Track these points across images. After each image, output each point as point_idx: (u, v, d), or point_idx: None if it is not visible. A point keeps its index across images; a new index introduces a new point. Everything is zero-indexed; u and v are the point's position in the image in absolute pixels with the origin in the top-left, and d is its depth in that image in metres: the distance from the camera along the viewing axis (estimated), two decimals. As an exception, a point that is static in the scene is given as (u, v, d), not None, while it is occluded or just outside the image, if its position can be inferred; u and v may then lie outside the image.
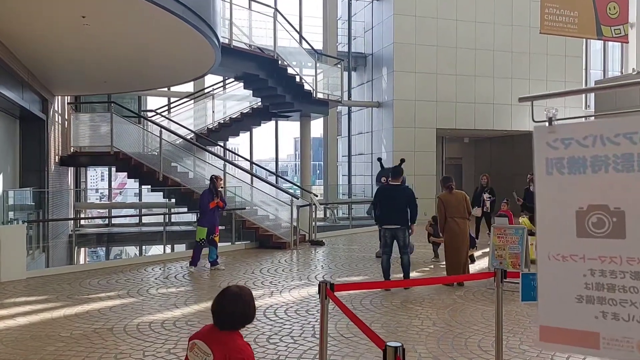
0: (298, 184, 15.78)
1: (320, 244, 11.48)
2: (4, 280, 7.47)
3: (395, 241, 7.26)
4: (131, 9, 5.80)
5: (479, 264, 9.08)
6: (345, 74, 17.72)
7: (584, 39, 17.72)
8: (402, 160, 10.21)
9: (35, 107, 9.33)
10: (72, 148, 12.47)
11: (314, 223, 12.18)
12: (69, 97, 13.09)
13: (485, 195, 10.71)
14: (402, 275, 7.44)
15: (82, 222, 16.36)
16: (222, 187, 8.70)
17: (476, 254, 9.34)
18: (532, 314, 5.83)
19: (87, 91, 12.43)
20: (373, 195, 7.85)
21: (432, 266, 8.96)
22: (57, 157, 11.64)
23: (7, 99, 7.62)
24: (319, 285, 3.30)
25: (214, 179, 8.66)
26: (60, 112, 12.14)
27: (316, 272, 8.43)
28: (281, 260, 9.66)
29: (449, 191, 7.64)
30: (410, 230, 7.33)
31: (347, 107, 19.24)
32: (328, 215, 16.99)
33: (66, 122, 12.72)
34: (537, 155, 2.14)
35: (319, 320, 5.63)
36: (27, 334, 5.13)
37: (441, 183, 7.95)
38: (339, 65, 15.28)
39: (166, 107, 15.44)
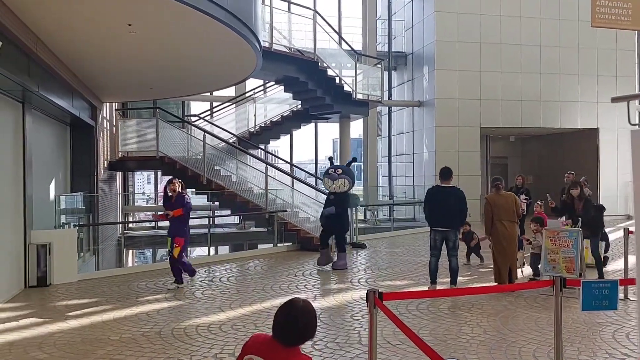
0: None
1: (361, 246, 11.36)
2: (56, 283, 7.71)
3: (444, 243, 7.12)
4: (175, 15, 5.87)
5: (528, 268, 8.75)
6: (386, 73, 17.52)
7: (637, 32, 16.89)
8: (354, 159, 10.02)
9: (84, 114, 9.62)
10: (120, 153, 12.82)
11: (355, 225, 12.07)
12: (116, 103, 13.47)
13: (522, 197, 10.21)
14: (448, 279, 7.25)
15: (130, 224, 16.79)
16: (175, 193, 7.42)
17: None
18: (589, 322, 5.55)
19: (133, 97, 12.75)
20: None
21: (470, 272, 8.67)
22: (105, 162, 11.99)
23: (59, 106, 7.88)
24: (367, 294, 3.21)
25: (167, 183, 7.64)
26: (108, 118, 12.50)
27: (359, 276, 8.32)
28: (324, 263, 9.59)
29: (497, 192, 7.39)
30: (459, 233, 7.18)
31: (387, 107, 19.03)
32: (368, 217, 16.83)
33: (114, 128, 13.09)
34: (634, 160, 1.89)
35: (364, 327, 5.55)
36: (78, 337, 5.26)
37: (492, 184, 7.74)
38: (379, 65, 15.12)
39: (209, 112, 15.68)
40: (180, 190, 7.55)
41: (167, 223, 8.03)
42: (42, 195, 8.26)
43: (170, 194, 7.54)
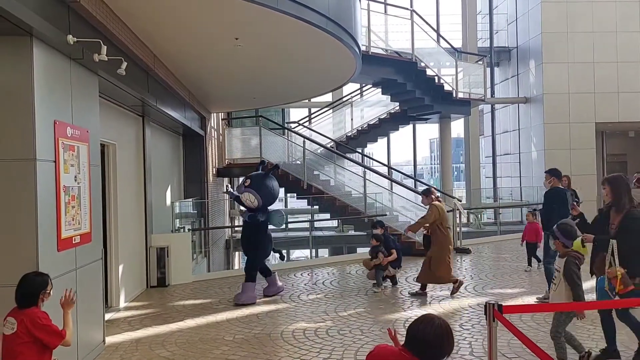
0: (436, 187, 15.26)
1: (466, 251, 10.94)
2: (173, 284, 8.26)
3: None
4: (279, 26, 6.04)
5: None
6: (488, 70, 16.79)
7: None
8: (276, 167, 7.75)
9: (195, 125, 10.23)
10: (226, 160, 13.48)
11: (458, 229, 11.67)
12: (222, 113, 14.20)
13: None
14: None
15: (237, 228, 17.59)
16: None
17: None
18: None
19: (238, 107, 13.35)
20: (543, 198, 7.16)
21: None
22: (214, 169, 12.66)
23: (173, 118, 8.45)
24: (486, 306, 3.06)
25: None
26: (215, 127, 13.20)
27: (465, 283, 7.97)
28: (427, 268, 9.35)
29: None
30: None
31: (490, 105, 18.23)
32: (471, 221, 16.20)
33: (221, 137, 13.79)
34: None
35: (475, 336, 5.32)
36: (196, 337, 5.57)
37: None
38: (481, 62, 14.52)
39: (307, 118, 16.01)
40: None
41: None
42: (159, 201, 8.90)
43: None
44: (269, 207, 7.34)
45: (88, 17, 4.61)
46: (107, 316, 6.07)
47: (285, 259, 7.73)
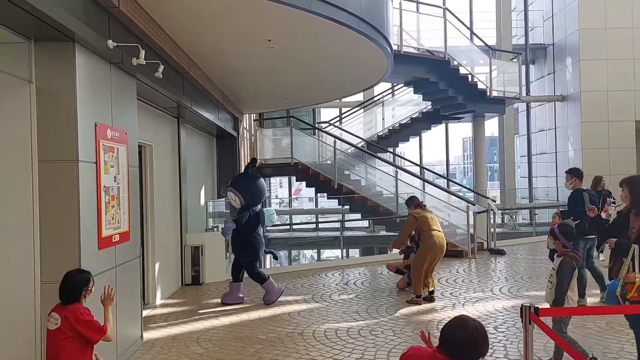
0: (468, 187, 15.08)
1: (501, 253, 10.75)
2: (207, 282, 8.40)
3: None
4: (312, 28, 6.08)
5: None
6: (523, 68, 16.46)
7: None
8: (253, 161, 7.48)
9: (228, 126, 10.38)
10: (258, 160, 13.63)
11: (492, 230, 11.47)
12: (254, 114, 14.35)
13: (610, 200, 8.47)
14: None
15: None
16: None
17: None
18: None
19: (269, 108, 13.47)
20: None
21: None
22: (246, 169, 12.82)
23: (207, 120, 8.60)
24: (521, 309, 3.02)
25: None
26: (247, 128, 13.36)
27: (500, 285, 7.88)
28: (459, 269, 9.26)
29: None
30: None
31: (525, 103, 17.87)
32: (506, 222, 15.92)
33: (252, 137, 13.95)
34: None
35: (510, 339, 5.24)
36: (229, 334, 5.66)
37: None
38: (516, 60, 14.25)
39: (338, 118, 16.02)
40: None
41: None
42: (194, 201, 9.07)
43: None
44: (257, 206, 7.15)
45: (127, 22, 4.75)
46: (144, 313, 6.23)
47: (278, 258, 7.60)
